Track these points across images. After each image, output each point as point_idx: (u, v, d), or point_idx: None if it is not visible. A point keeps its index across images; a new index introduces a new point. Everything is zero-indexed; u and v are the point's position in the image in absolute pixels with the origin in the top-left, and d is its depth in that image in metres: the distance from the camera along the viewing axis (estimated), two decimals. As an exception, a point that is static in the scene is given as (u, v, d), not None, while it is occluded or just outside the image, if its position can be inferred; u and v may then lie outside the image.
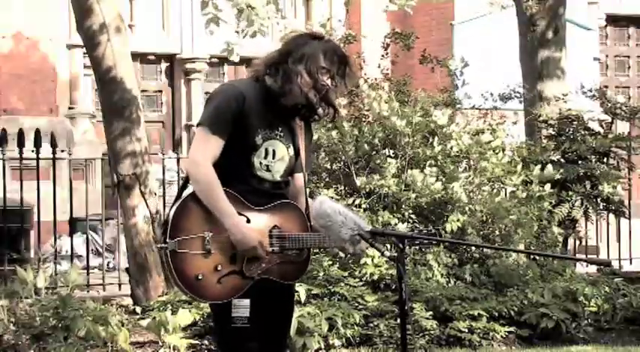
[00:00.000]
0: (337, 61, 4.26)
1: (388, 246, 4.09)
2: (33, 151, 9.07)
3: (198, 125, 4.26)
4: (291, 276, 4.33)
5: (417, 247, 8.17)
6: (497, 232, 8.78)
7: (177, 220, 4.12)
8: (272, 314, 4.31)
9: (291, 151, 4.35)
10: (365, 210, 8.56)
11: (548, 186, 9.20)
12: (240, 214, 4.17)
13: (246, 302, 4.18)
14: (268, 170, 4.28)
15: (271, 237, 4.23)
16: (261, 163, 4.27)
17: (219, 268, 4.13)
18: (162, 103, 16.16)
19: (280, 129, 4.31)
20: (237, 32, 9.14)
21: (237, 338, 4.20)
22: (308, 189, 4.51)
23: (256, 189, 4.24)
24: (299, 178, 4.43)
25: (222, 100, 4.22)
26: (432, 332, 7.89)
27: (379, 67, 11.04)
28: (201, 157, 4.17)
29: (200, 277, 4.11)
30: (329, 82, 4.25)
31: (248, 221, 4.19)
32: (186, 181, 4.32)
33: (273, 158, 4.29)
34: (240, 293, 4.17)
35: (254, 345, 4.22)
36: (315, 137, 4.71)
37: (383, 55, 11.24)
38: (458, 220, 8.57)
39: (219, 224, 4.14)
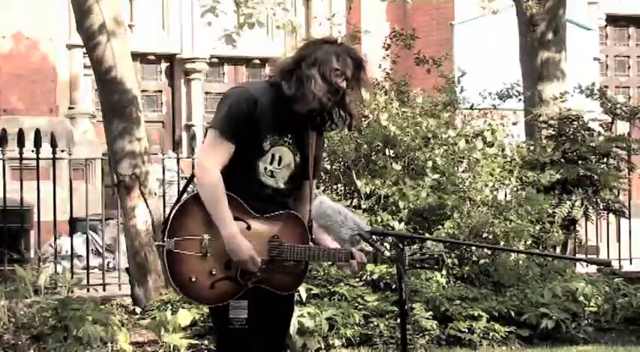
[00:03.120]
0: (351, 63, 4.22)
1: (387, 246, 4.08)
2: (33, 151, 9.06)
3: (209, 128, 4.23)
4: (286, 287, 4.30)
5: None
6: (497, 232, 8.76)
7: (177, 220, 4.11)
8: (270, 316, 4.28)
9: (298, 159, 4.30)
10: (364, 210, 8.55)
11: (541, 196, 9.20)
12: (241, 220, 4.15)
13: (244, 303, 4.16)
14: (272, 176, 4.25)
15: (270, 247, 4.20)
16: (266, 168, 4.24)
17: (213, 272, 4.12)
18: (162, 103, 16.17)
19: (290, 135, 4.27)
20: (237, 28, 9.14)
21: (236, 340, 4.19)
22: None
23: (258, 195, 4.22)
24: (305, 186, 4.38)
25: (234, 104, 4.18)
26: (432, 332, 7.89)
27: (380, 66, 11.04)
28: (210, 162, 4.15)
29: (193, 279, 4.10)
30: (344, 84, 4.21)
31: (249, 227, 4.17)
32: (188, 182, 4.31)
33: (279, 164, 4.26)
34: (232, 298, 4.15)
35: (252, 347, 4.20)
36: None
37: (384, 57, 11.25)
38: (457, 225, 8.57)
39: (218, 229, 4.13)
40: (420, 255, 4.14)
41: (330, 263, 4.42)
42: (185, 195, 4.22)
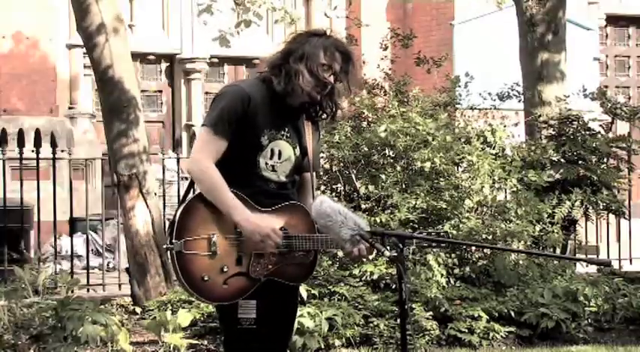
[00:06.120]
0: (339, 56, 4.23)
1: (388, 247, 4.07)
2: (33, 151, 9.07)
3: (202, 126, 4.25)
4: (298, 278, 4.32)
5: (419, 247, 8.12)
6: (497, 233, 8.75)
7: (184, 221, 4.11)
8: (277, 316, 4.28)
9: (298, 152, 4.32)
10: (364, 211, 8.55)
11: (541, 196, 9.20)
12: None
13: (253, 303, 4.17)
14: (274, 170, 4.27)
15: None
16: (266, 164, 4.25)
17: (225, 269, 4.11)
18: (162, 103, 16.18)
19: (287, 129, 4.29)
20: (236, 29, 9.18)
21: (244, 339, 4.19)
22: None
23: (262, 190, 4.23)
24: (306, 179, 4.40)
25: (227, 101, 4.20)
26: (432, 332, 7.89)
27: (378, 67, 11.03)
28: (202, 156, 4.17)
29: (206, 278, 4.09)
30: (331, 78, 4.22)
31: None
32: (191, 183, 4.31)
33: (279, 158, 4.27)
34: (245, 294, 4.15)
35: (260, 346, 4.20)
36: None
37: (382, 58, 11.23)
38: (456, 227, 8.57)
39: (226, 225, 4.12)
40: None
41: (336, 252, 4.42)
42: (189, 196, 4.22)
